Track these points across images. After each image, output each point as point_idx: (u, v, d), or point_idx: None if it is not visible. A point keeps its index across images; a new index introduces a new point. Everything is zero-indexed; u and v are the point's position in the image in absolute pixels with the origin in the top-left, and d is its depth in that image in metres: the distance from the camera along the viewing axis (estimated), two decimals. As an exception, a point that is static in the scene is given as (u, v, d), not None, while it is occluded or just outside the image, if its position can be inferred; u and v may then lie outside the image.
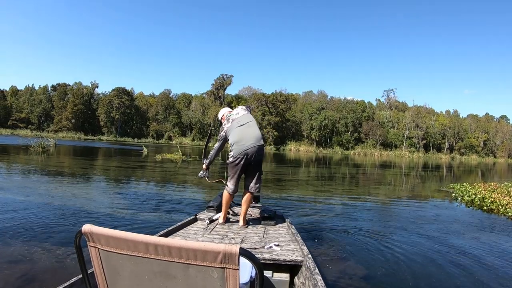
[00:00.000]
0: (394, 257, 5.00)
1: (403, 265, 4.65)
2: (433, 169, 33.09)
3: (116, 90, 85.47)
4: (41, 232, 5.24)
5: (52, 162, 19.30)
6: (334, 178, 19.50)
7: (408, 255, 5.12)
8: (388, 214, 9.11)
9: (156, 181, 13.00)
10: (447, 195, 12.69)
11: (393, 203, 10.98)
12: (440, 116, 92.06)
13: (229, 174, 4.63)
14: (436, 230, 6.94)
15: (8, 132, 72.68)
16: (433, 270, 4.55)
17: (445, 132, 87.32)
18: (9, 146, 31.59)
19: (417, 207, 10.15)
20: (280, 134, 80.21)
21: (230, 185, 4.59)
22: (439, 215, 8.78)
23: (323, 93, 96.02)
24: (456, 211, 9.75)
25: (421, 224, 7.52)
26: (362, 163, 37.61)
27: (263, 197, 7.62)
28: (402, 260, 4.87)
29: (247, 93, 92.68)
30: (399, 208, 10.12)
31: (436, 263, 4.80)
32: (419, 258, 5.02)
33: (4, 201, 7.45)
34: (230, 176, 4.62)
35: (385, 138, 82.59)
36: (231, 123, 4.66)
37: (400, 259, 4.89)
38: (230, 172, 4.61)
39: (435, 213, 9.07)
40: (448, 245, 5.78)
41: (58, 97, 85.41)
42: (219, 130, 4.86)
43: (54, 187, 10.01)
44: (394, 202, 11.17)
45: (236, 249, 1.26)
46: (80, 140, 66.54)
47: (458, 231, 7.00)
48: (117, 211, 7.05)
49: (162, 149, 38.17)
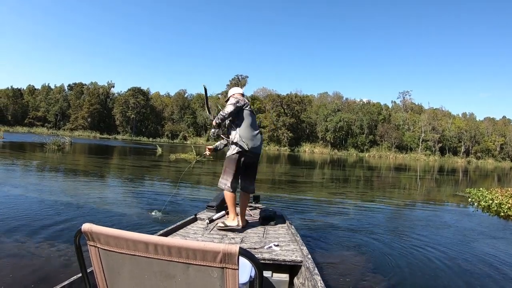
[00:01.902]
0: (399, 260, 4.92)
1: (408, 270, 4.58)
2: (448, 173, 32.64)
3: (132, 90, 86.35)
4: (44, 230, 5.26)
5: (66, 160, 19.61)
6: (348, 180, 19.38)
7: (415, 260, 5.02)
8: (399, 217, 8.99)
9: (169, 180, 13.06)
10: (462, 200, 12.46)
11: (406, 207, 10.83)
12: (457, 119, 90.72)
13: (227, 169, 4.36)
14: (449, 236, 6.79)
15: (25, 130, 73.99)
16: (441, 275, 4.46)
17: (461, 135, 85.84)
18: (25, 143, 32.15)
19: (431, 211, 9.99)
20: (295, 136, 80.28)
21: (229, 183, 4.32)
22: (453, 220, 8.60)
23: (338, 95, 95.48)
24: (472, 216, 9.54)
25: (432, 228, 7.39)
26: (377, 166, 37.27)
27: (263, 198, 7.61)
28: (407, 264, 4.79)
29: (262, 94, 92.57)
30: (411, 212, 9.99)
31: (445, 269, 4.69)
32: (426, 264, 4.89)
33: (11, 197, 7.61)
34: (228, 172, 4.35)
35: (400, 141, 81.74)
36: (249, 110, 4.44)
37: (405, 263, 4.81)
38: (229, 168, 4.35)
39: (449, 218, 8.89)
40: (460, 252, 5.64)
41: (74, 96, 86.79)
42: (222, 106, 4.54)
43: (66, 185, 10.16)
44: (407, 206, 11.02)
45: (235, 249, 1.25)
46: (95, 139, 67.39)
47: (474, 237, 6.82)
48: (127, 210, 7.09)
49: (176, 148, 38.44)
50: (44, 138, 28.94)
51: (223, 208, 5.17)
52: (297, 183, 15.64)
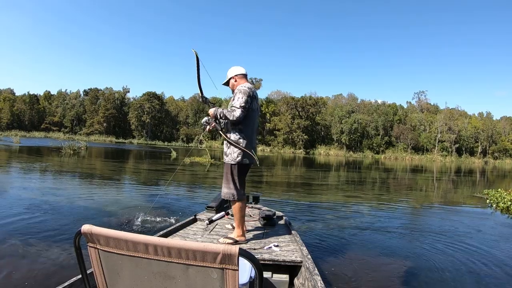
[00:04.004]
0: (401, 260, 4.86)
1: (409, 270, 4.51)
2: (465, 174, 32.15)
3: (147, 95, 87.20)
4: (46, 231, 5.35)
5: (81, 163, 19.84)
6: (363, 182, 19.18)
7: (419, 261, 4.94)
8: (411, 219, 8.86)
9: (184, 184, 13.11)
10: (480, 202, 12.23)
11: (421, 208, 10.68)
12: (473, 118, 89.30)
13: (236, 177, 3.77)
14: (465, 238, 6.63)
15: (41, 135, 75.32)
16: (452, 279, 4.36)
17: (478, 135, 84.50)
18: (42, 148, 32.81)
19: (447, 213, 9.81)
20: (310, 138, 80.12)
21: (240, 190, 3.80)
22: (470, 222, 8.43)
23: (353, 96, 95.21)
24: (490, 218, 9.33)
25: (447, 230, 7.23)
26: (393, 168, 36.92)
27: (263, 198, 7.61)
28: (410, 265, 4.72)
29: (277, 97, 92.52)
30: (424, 214, 9.85)
31: (459, 272, 4.58)
32: (433, 266, 4.76)
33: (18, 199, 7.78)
34: (238, 180, 3.79)
35: (416, 142, 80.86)
36: (256, 105, 3.89)
37: (410, 264, 4.74)
38: (238, 176, 3.78)
39: (466, 220, 8.72)
40: (477, 253, 5.52)
41: (90, 102, 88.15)
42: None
43: (78, 188, 10.31)
44: (422, 207, 10.87)
45: (235, 249, 1.25)
46: (111, 143, 68.18)
47: (491, 240, 6.66)
48: (137, 212, 7.12)
49: (191, 152, 38.63)
50: (60, 143, 29.38)
51: (222, 208, 5.20)
52: (312, 185, 15.58)
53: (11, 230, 5.33)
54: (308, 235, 5.96)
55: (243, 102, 3.66)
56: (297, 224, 6.70)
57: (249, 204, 5.70)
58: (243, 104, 3.65)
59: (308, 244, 4.52)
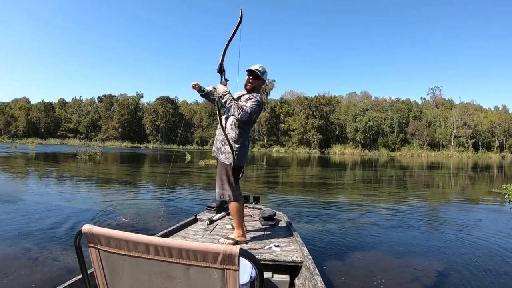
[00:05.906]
0: (411, 261, 4.79)
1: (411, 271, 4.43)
2: (482, 169, 31.66)
3: (160, 99, 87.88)
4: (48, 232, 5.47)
5: (96, 169, 20.19)
6: (379, 181, 19.04)
7: (427, 261, 4.84)
8: (427, 215, 8.74)
9: (200, 186, 13.19)
10: (498, 197, 12.03)
11: (438, 205, 10.57)
12: (489, 112, 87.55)
13: (232, 178, 3.72)
14: (482, 234, 6.52)
15: (57, 142, 76.79)
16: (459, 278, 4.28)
17: (494, 130, 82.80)
18: (58, 154, 33.50)
19: (464, 209, 9.69)
20: (325, 137, 79.94)
21: (236, 191, 3.76)
22: (487, 218, 8.28)
23: (366, 94, 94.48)
24: (508, 214, 9.18)
25: (463, 226, 7.12)
26: (409, 165, 36.51)
27: (263, 198, 7.60)
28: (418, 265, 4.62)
29: (290, 97, 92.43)
30: (442, 210, 9.74)
31: (471, 271, 4.50)
32: (439, 266, 4.66)
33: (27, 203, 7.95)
34: (234, 181, 3.75)
35: (432, 138, 79.80)
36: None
37: (416, 264, 4.65)
38: (234, 176, 3.75)
39: (483, 216, 8.57)
40: (497, 252, 5.42)
41: (104, 108, 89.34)
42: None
43: (92, 192, 10.51)
44: (439, 204, 10.76)
45: (236, 249, 1.25)
46: (127, 148, 68.98)
47: (509, 236, 6.54)
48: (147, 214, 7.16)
49: (206, 155, 38.80)
50: (76, 149, 29.88)
51: (223, 209, 5.20)
52: (327, 185, 15.51)
53: (16, 232, 5.46)
54: (310, 235, 5.94)
55: (254, 111, 3.61)
56: (302, 223, 6.75)
57: (250, 204, 5.74)
58: (253, 113, 3.61)
59: (309, 244, 4.48)
